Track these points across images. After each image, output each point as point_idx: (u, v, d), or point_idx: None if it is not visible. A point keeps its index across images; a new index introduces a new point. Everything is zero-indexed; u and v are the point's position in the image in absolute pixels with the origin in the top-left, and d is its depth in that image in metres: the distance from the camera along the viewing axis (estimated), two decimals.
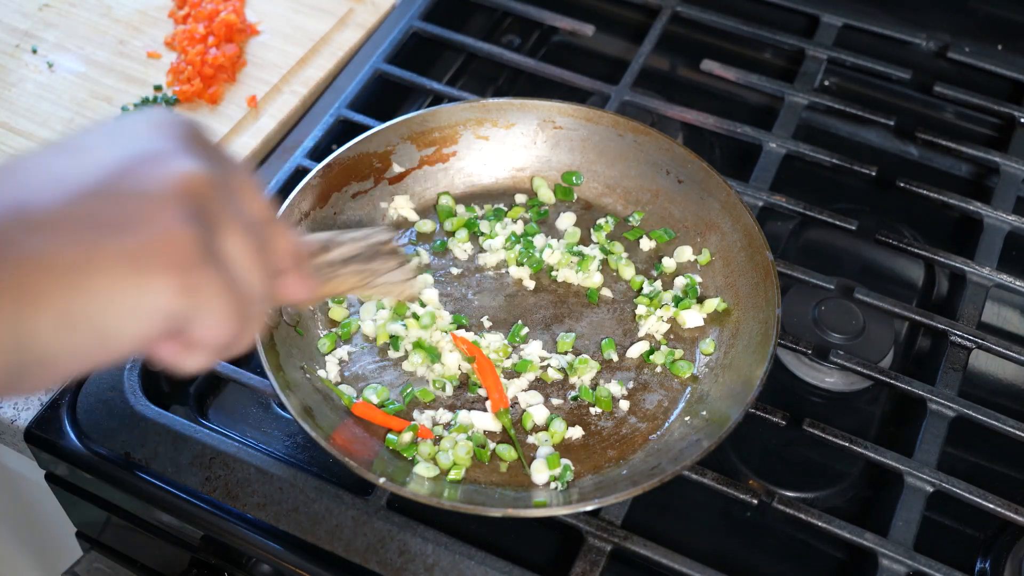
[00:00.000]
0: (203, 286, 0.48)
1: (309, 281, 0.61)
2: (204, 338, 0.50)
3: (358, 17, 1.21)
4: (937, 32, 1.19)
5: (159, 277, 0.47)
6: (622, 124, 0.98)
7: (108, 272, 0.46)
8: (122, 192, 0.48)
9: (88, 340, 0.46)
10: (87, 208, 0.47)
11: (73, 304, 0.45)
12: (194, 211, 0.49)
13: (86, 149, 0.50)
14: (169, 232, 0.47)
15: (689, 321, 0.90)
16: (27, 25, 1.18)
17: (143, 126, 0.51)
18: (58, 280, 0.45)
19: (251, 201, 0.54)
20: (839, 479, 0.91)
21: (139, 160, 0.49)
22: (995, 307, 1.04)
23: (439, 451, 0.82)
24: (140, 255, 0.47)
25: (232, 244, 0.51)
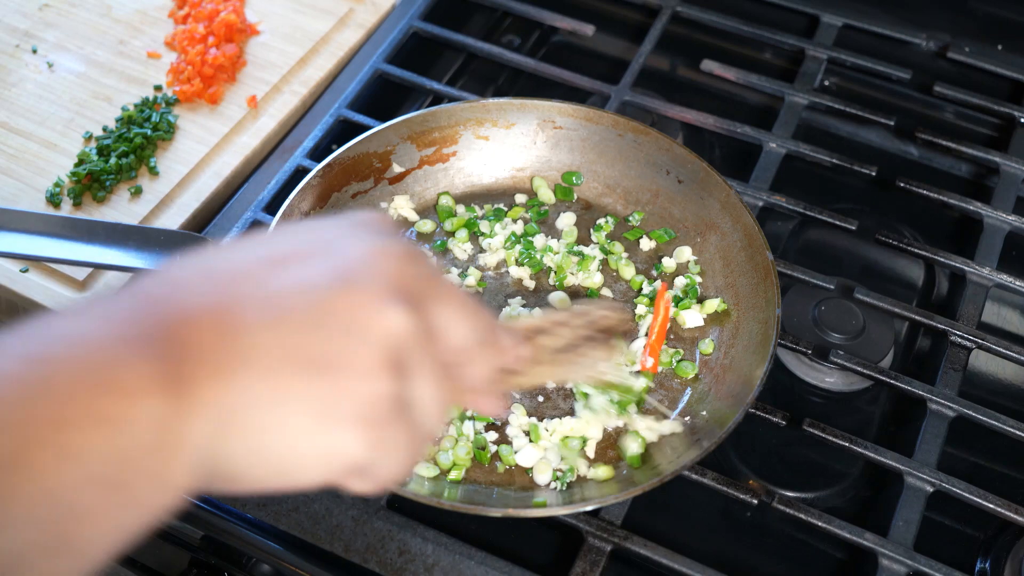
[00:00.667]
0: (388, 439, 0.49)
1: (499, 399, 0.60)
2: (380, 477, 0.51)
3: (358, 17, 1.21)
4: (937, 32, 1.19)
5: (347, 432, 0.47)
6: (622, 124, 0.98)
7: (300, 415, 0.46)
8: (328, 329, 0.47)
9: (273, 472, 0.47)
10: (292, 339, 0.47)
11: (264, 437, 0.46)
12: (394, 363, 0.49)
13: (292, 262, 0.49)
14: (367, 384, 0.48)
15: (689, 321, 0.90)
16: (27, 25, 1.18)
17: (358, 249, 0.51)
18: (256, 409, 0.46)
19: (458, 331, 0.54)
20: (839, 479, 0.91)
21: (348, 296, 0.48)
22: (995, 307, 1.04)
23: (439, 451, 0.82)
24: (335, 401, 0.47)
25: (424, 395, 0.51)
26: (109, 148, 1.05)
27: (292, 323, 0.47)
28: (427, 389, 0.51)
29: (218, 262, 0.49)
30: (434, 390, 0.51)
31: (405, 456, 0.51)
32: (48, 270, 0.95)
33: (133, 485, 0.43)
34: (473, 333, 0.54)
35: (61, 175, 1.03)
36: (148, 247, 0.87)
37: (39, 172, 1.04)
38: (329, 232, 0.52)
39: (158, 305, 0.46)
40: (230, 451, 0.46)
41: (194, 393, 0.44)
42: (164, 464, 0.44)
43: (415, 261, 0.52)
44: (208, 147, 1.07)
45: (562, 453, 0.82)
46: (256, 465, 0.47)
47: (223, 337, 0.46)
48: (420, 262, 0.53)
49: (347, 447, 0.48)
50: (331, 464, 0.48)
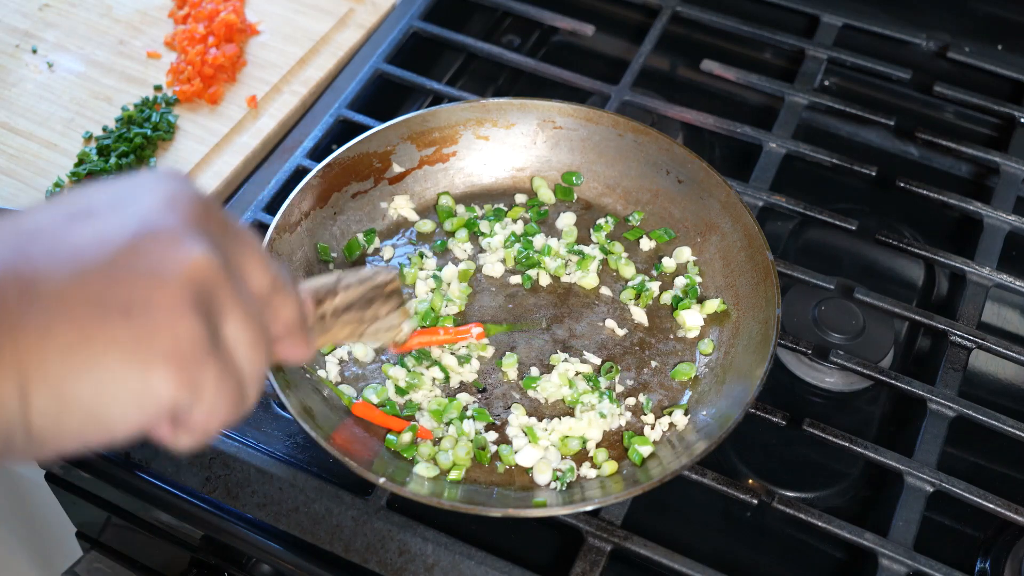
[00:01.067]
0: (204, 378, 0.48)
1: (306, 345, 0.61)
2: (200, 423, 0.50)
3: (358, 17, 1.21)
4: (937, 32, 1.19)
5: (160, 369, 0.47)
6: (622, 124, 0.98)
7: (108, 355, 0.46)
8: (130, 273, 0.47)
9: (82, 422, 0.46)
10: (93, 287, 0.46)
11: (71, 385, 0.45)
12: (200, 300, 0.48)
13: (95, 216, 0.49)
14: (174, 323, 0.47)
15: (689, 321, 0.90)
16: (27, 25, 1.18)
17: (154, 196, 0.51)
18: (59, 360, 0.45)
19: (256, 276, 0.54)
20: (839, 479, 0.91)
21: (149, 239, 0.48)
22: (995, 307, 1.04)
23: (439, 451, 0.82)
24: (142, 343, 0.46)
25: (235, 333, 0.51)
26: (109, 148, 1.05)
27: (94, 271, 0.46)
28: (238, 328, 0.51)
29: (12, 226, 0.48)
30: (245, 329, 0.51)
31: (223, 400, 0.50)
32: None
33: None
34: (272, 279, 0.55)
35: (61, 175, 1.03)
36: None
37: (39, 172, 1.04)
38: (125, 186, 0.52)
39: None
40: (38, 404, 0.45)
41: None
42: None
43: (212, 206, 0.53)
44: (208, 147, 1.07)
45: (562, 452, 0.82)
46: (67, 416, 0.46)
47: (19, 291, 0.45)
48: (217, 207, 0.53)
49: (159, 386, 0.47)
50: (145, 407, 0.47)
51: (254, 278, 0.54)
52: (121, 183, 0.52)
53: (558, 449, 0.82)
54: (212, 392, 0.49)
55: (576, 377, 0.86)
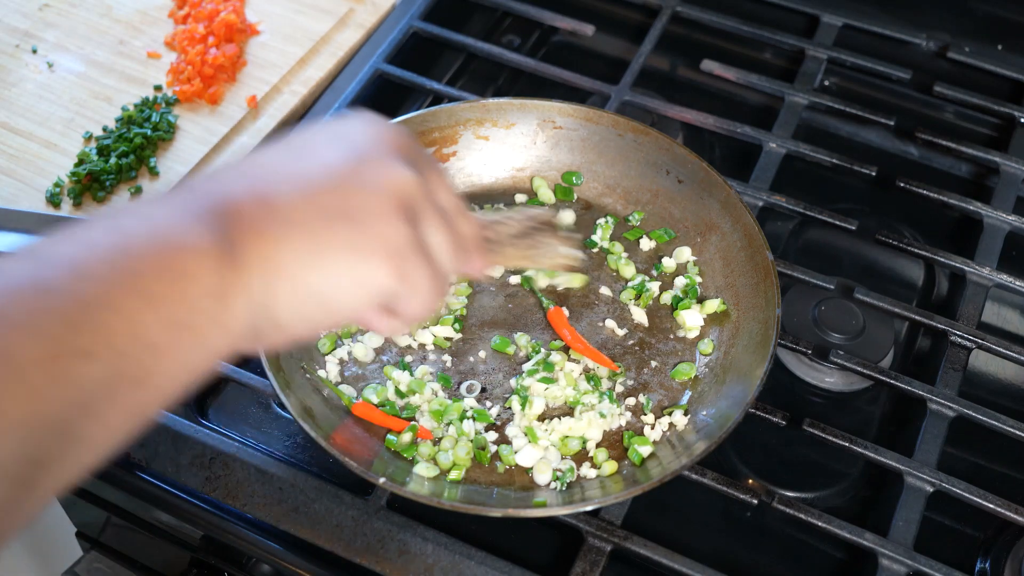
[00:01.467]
0: (411, 271, 0.59)
1: (487, 257, 0.71)
2: (407, 310, 0.62)
3: (358, 17, 1.21)
4: (937, 32, 1.19)
5: (377, 263, 0.58)
6: (622, 124, 0.98)
7: (336, 254, 0.56)
8: (350, 188, 0.58)
9: (316, 309, 0.57)
10: (320, 201, 0.57)
11: (308, 280, 0.56)
12: (405, 209, 0.59)
13: (312, 151, 0.60)
14: (386, 227, 0.58)
15: (689, 321, 0.90)
16: (27, 25, 1.18)
17: (360, 133, 0.62)
18: (297, 259, 0.55)
19: (445, 196, 0.64)
20: (839, 479, 0.91)
21: (361, 163, 0.59)
22: (995, 307, 1.04)
23: (439, 451, 0.82)
24: (363, 244, 0.57)
25: (433, 236, 0.62)
26: (109, 148, 1.05)
27: (319, 190, 0.57)
28: (436, 231, 0.62)
29: (253, 163, 0.60)
30: (442, 232, 0.62)
31: (427, 289, 0.61)
32: None
33: (201, 328, 0.52)
34: (455, 201, 0.66)
35: (61, 175, 1.03)
36: None
37: (39, 172, 1.04)
38: (340, 127, 0.63)
39: (207, 195, 0.56)
40: (279, 296, 0.55)
41: (243, 251, 0.54)
42: (224, 310, 0.53)
43: (410, 139, 0.64)
44: (208, 147, 1.07)
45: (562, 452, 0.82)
46: (302, 303, 0.56)
47: (262, 208, 0.55)
48: (414, 142, 0.65)
49: (377, 276, 0.58)
50: (366, 291, 0.58)
51: (444, 197, 0.64)
52: (334, 125, 0.63)
53: (558, 449, 0.82)
54: (416, 281, 0.60)
55: (579, 376, 0.86)
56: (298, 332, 0.58)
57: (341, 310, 0.58)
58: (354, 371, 0.88)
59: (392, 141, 0.62)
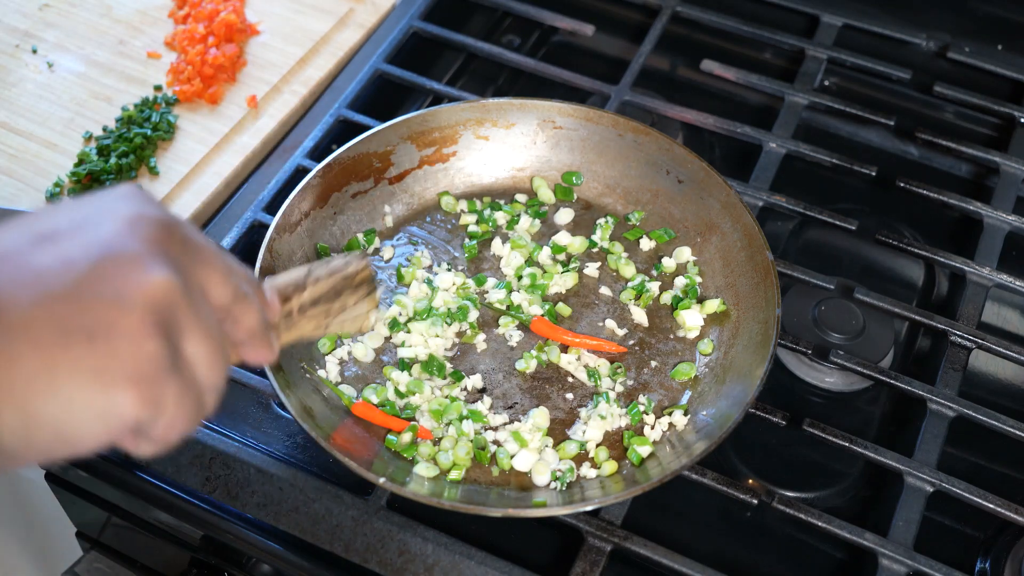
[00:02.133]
0: (165, 396, 0.51)
1: (269, 348, 0.63)
2: (162, 435, 0.53)
3: (358, 17, 1.21)
4: (937, 32, 1.19)
5: (122, 389, 0.49)
6: (622, 124, 0.98)
7: (73, 379, 0.48)
8: (92, 298, 0.49)
9: (49, 439, 0.49)
10: (57, 312, 0.48)
11: (38, 406, 0.47)
12: (160, 322, 0.51)
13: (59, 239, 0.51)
14: (135, 346, 0.49)
15: (689, 321, 0.90)
16: (27, 25, 1.18)
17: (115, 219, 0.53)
18: (25, 382, 0.47)
19: (217, 289, 0.57)
20: (839, 479, 0.91)
21: (110, 263, 0.50)
22: (995, 307, 1.04)
23: (439, 451, 0.82)
24: (105, 365, 0.48)
25: (194, 349, 0.53)
26: (109, 148, 1.05)
27: (57, 296, 0.48)
28: (197, 344, 0.53)
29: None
30: (204, 345, 0.54)
31: (185, 412, 0.53)
32: None
33: None
34: (233, 291, 0.58)
35: (61, 175, 1.03)
36: None
37: (39, 172, 1.04)
38: (88, 207, 0.53)
39: None
40: (8, 424, 0.47)
41: None
42: None
43: (172, 226, 0.54)
44: (208, 147, 1.07)
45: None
46: (35, 435, 0.48)
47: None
48: (177, 227, 0.55)
49: (122, 407, 0.49)
50: (109, 425, 0.49)
51: (214, 292, 0.56)
52: (84, 204, 0.54)
53: (556, 451, 0.82)
54: (173, 407, 0.52)
55: (578, 368, 0.87)
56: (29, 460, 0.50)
57: (81, 442, 0.50)
58: (354, 371, 0.88)
59: (150, 229, 0.53)
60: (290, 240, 0.90)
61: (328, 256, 0.92)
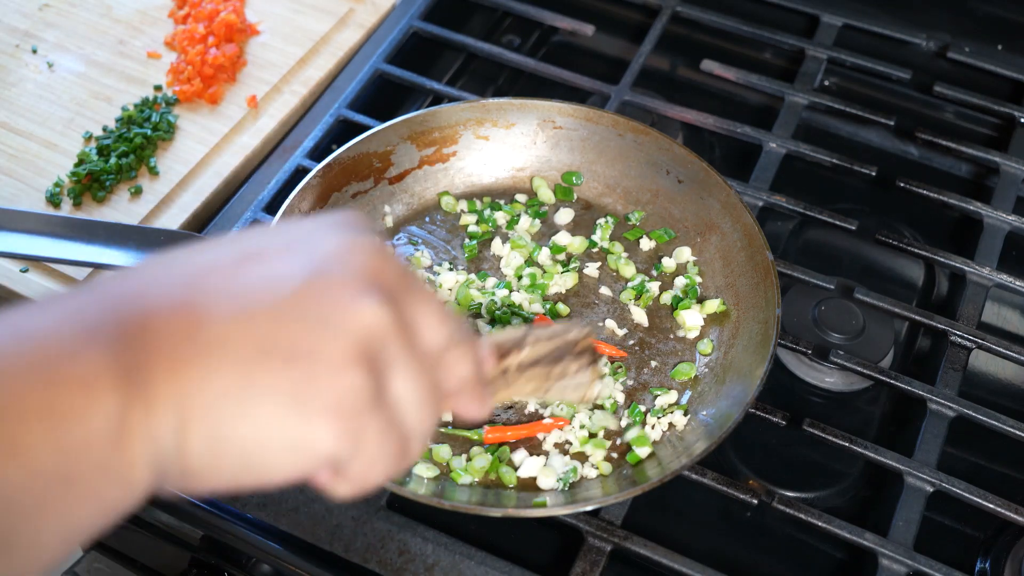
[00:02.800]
0: (367, 433, 0.47)
1: (482, 401, 0.58)
2: (360, 475, 0.49)
3: (358, 17, 1.21)
4: (937, 32, 1.19)
5: (320, 420, 0.45)
6: (622, 124, 0.98)
7: (267, 402, 0.45)
8: (298, 320, 0.46)
9: (238, 467, 0.45)
10: (260, 330, 0.45)
11: (228, 426, 0.44)
12: (367, 353, 0.47)
13: (269, 257, 0.48)
14: (338, 374, 0.46)
15: (689, 321, 0.90)
16: (27, 25, 1.18)
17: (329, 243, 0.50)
18: (218, 399, 0.44)
19: (431, 332, 0.52)
20: (839, 479, 0.91)
21: (321, 287, 0.47)
22: (995, 307, 1.04)
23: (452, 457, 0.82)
24: (303, 393, 0.45)
25: (402, 388, 0.49)
26: (109, 148, 1.05)
27: (261, 315, 0.45)
28: (406, 383, 0.49)
29: (187, 259, 0.48)
30: (414, 384, 0.50)
31: (385, 453, 0.49)
32: (48, 270, 0.95)
33: (86, 479, 0.42)
34: (448, 335, 0.53)
35: (61, 175, 1.03)
36: (148, 247, 0.87)
37: (39, 172, 1.04)
38: (302, 229, 0.51)
39: (120, 300, 0.45)
40: (194, 444, 0.44)
41: (152, 384, 0.43)
42: (119, 458, 0.42)
43: (390, 258, 0.51)
44: (208, 147, 1.07)
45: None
46: (222, 459, 0.45)
47: (186, 328, 0.44)
48: (394, 259, 0.52)
49: (318, 438, 0.45)
50: (301, 457, 0.46)
51: (428, 334, 0.52)
52: (299, 225, 0.51)
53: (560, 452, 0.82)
54: (373, 446, 0.48)
55: None
56: (215, 487, 0.46)
57: (271, 473, 0.46)
58: None
59: (365, 260, 0.49)
60: None
61: None
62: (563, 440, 0.83)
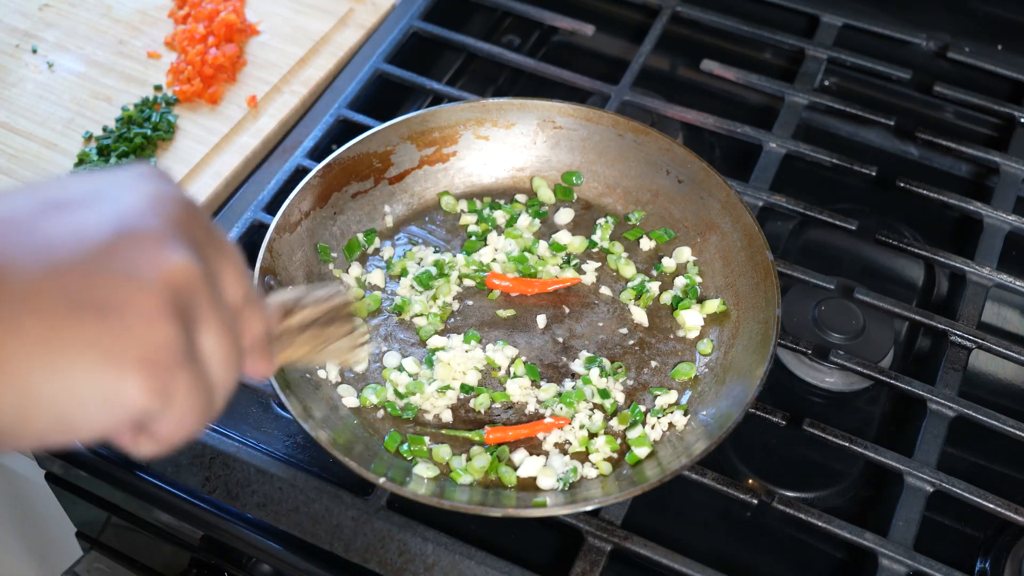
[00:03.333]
0: (176, 386, 0.47)
1: (269, 361, 0.59)
2: (166, 432, 0.49)
3: (358, 17, 1.21)
4: (937, 32, 1.19)
5: (132, 373, 0.45)
6: (622, 124, 0.98)
7: (78, 356, 0.43)
8: (106, 272, 0.45)
9: (47, 421, 0.44)
10: (67, 283, 0.44)
11: (37, 383, 0.43)
12: (178, 306, 0.47)
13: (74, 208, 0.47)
14: (150, 327, 0.45)
15: (689, 321, 0.90)
16: (27, 25, 1.18)
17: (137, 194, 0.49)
18: (26, 356, 0.43)
19: (233, 287, 0.52)
20: (839, 479, 0.91)
21: (129, 238, 0.46)
22: (995, 307, 1.04)
23: (452, 457, 0.82)
24: (115, 345, 0.44)
25: (210, 343, 0.49)
26: (109, 148, 1.05)
27: (68, 267, 0.44)
28: (214, 338, 0.49)
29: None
30: (221, 340, 0.50)
31: (192, 409, 0.48)
32: None
33: None
34: (246, 291, 0.53)
35: (61, 175, 1.03)
36: None
37: (39, 172, 1.04)
38: (107, 180, 0.50)
39: None
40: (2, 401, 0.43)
41: None
42: None
43: (196, 210, 0.51)
44: (208, 147, 1.07)
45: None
46: (31, 413, 0.44)
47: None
48: (201, 211, 0.51)
49: (130, 391, 0.45)
50: (112, 411, 0.45)
51: (231, 289, 0.52)
52: (104, 176, 0.50)
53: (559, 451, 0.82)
54: (182, 401, 0.47)
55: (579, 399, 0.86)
56: (23, 445, 0.45)
57: (81, 428, 0.45)
58: (354, 371, 0.88)
59: (174, 211, 0.49)
60: (290, 240, 0.90)
61: (329, 259, 0.92)
62: (563, 440, 0.83)
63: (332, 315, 0.68)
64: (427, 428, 0.84)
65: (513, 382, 0.86)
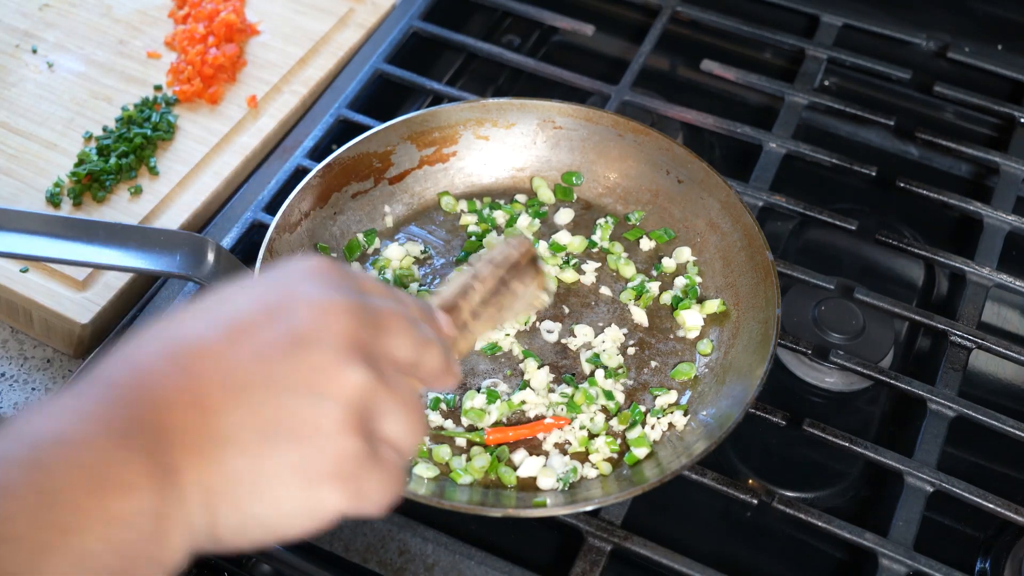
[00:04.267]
0: (367, 485, 0.53)
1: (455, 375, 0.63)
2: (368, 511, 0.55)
3: (358, 17, 1.21)
4: (937, 32, 1.19)
5: (327, 488, 0.52)
6: (622, 124, 0.98)
7: (280, 484, 0.51)
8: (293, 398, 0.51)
9: (260, 533, 0.52)
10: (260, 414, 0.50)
11: (251, 508, 0.50)
12: (358, 417, 0.52)
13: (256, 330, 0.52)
14: (337, 445, 0.52)
15: (689, 321, 0.90)
16: (27, 25, 1.18)
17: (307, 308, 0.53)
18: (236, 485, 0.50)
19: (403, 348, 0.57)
20: (839, 479, 0.91)
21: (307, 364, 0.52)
22: (995, 307, 1.04)
23: (452, 456, 0.82)
24: (310, 467, 0.51)
25: (391, 429, 0.55)
26: (109, 148, 1.05)
27: (257, 396, 0.51)
28: (394, 424, 0.55)
29: (174, 338, 0.52)
30: (403, 418, 0.55)
31: (387, 490, 0.55)
32: (48, 270, 0.95)
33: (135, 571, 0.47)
34: (416, 342, 0.58)
35: (61, 175, 1.03)
36: (148, 247, 0.87)
37: (39, 172, 1.04)
38: (278, 290, 0.55)
39: (129, 394, 0.50)
40: (222, 523, 0.50)
41: (181, 479, 0.49)
42: (161, 548, 0.48)
43: (359, 310, 0.55)
44: (208, 147, 1.07)
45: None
46: (247, 529, 0.51)
47: (197, 421, 0.49)
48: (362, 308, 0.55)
49: (327, 503, 0.52)
50: (315, 519, 0.52)
51: (401, 353, 0.57)
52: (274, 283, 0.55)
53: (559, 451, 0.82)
54: (375, 490, 0.54)
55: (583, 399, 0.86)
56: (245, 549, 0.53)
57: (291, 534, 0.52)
58: None
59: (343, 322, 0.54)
60: (290, 240, 0.90)
61: None
62: (563, 440, 0.83)
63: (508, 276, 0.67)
64: (427, 429, 0.84)
65: (519, 394, 0.85)
